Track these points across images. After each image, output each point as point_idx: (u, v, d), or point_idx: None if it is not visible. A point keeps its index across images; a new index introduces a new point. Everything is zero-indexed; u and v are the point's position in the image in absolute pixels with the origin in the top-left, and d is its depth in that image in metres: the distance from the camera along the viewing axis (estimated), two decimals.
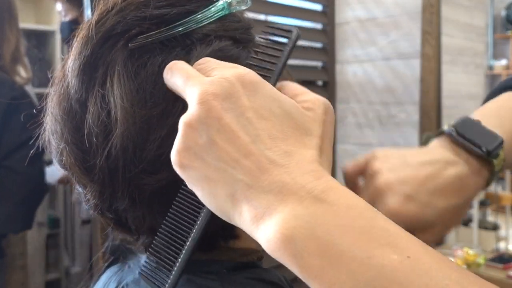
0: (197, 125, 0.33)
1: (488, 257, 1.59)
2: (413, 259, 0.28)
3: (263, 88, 0.34)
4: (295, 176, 0.31)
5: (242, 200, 0.31)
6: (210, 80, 0.33)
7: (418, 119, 1.72)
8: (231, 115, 0.32)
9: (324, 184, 0.31)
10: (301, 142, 0.33)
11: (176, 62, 0.37)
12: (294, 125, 0.33)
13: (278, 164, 0.31)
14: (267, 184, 0.31)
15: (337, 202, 0.30)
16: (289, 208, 0.30)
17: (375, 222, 0.30)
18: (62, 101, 0.42)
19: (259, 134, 0.32)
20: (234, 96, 0.33)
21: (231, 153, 0.32)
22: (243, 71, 0.34)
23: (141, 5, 0.40)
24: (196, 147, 0.33)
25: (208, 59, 0.37)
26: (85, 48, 0.40)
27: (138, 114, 0.38)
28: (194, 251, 0.35)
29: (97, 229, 1.19)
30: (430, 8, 1.68)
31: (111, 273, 0.51)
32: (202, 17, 0.40)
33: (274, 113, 0.33)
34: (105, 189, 0.41)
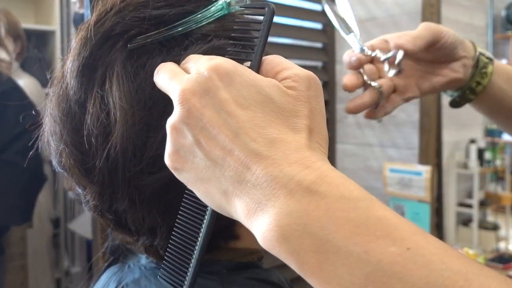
0: (180, 127, 0.32)
1: (488, 257, 1.59)
2: (412, 250, 0.27)
3: (239, 76, 0.32)
4: (283, 168, 0.29)
5: (234, 196, 0.31)
6: (187, 78, 0.33)
7: (418, 119, 1.72)
8: (211, 111, 0.31)
9: (314, 173, 0.29)
10: (286, 126, 0.32)
11: (165, 63, 0.37)
12: (277, 109, 0.32)
13: (263, 156, 0.30)
14: (255, 179, 0.30)
15: (329, 193, 0.29)
16: (280, 203, 0.29)
17: (370, 212, 0.28)
18: (61, 102, 0.42)
19: (241, 127, 0.31)
20: (212, 90, 0.32)
21: (216, 150, 0.31)
22: (217, 62, 0.33)
23: (140, 6, 0.40)
24: (184, 149, 0.33)
25: (191, 56, 0.37)
26: (84, 49, 0.40)
27: (137, 115, 0.38)
28: (205, 249, 0.35)
29: (97, 229, 1.19)
30: (430, 8, 1.68)
31: (111, 273, 0.51)
32: (201, 17, 0.40)
33: (254, 101, 0.32)
34: (105, 190, 0.41)
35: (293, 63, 0.36)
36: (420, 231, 0.29)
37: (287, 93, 0.33)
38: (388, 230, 0.28)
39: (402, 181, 1.60)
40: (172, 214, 0.41)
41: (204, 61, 0.34)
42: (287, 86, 0.33)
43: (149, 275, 0.46)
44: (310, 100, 0.33)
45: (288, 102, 0.32)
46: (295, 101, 0.33)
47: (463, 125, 2.16)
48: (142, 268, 0.48)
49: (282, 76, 0.34)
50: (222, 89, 0.32)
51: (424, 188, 1.54)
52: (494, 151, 2.33)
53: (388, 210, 0.29)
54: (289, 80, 0.33)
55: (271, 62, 0.36)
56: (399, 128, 1.83)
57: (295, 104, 0.32)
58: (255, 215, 0.30)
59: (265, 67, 0.36)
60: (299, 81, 0.33)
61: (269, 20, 0.36)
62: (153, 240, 0.44)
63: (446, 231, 1.89)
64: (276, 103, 0.32)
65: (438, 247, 0.28)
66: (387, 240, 0.27)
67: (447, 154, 1.99)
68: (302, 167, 0.30)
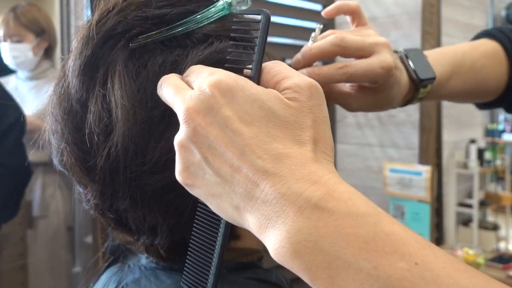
0: (188, 145, 0.33)
1: (488, 257, 1.59)
2: (421, 265, 0.27)
3: (241, 91, 0.33)
4: (291, 184, 0.30)
5: (245, 212, 0.31)
6: (190, 96, 0.33)
7: (418, 119, 1.73)
8: (217, 129, 0.32)
9: (322, 189, 0.30)
10: (291, 139, 0.32)
11: (167, 76, 0.37)
12: (280, 123, 0.32)
13: (270, 173, 0.30)
14: (264, 195, 0.30)
15: (337, 209, 0.29)
16: (290, 220, 0.29)
17: (379, 227, 0.29)
18: (62, 101, 0.42)
19: (247, 144, 0.31)
20: (215, 108, 0.32)
21: (225, 167, 0.32)
22: (218, 78, 0.33)
23: (141, 5, 0.40)
24: (193, 166, 0.33)
25: (193, 68, 0.37)
26: (86, 48, 0.40)
27: (139, 114, 0.38)
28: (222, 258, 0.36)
29: (97, 229, 1.19)
30: (430, 8, 1.68)
31: (110, 273, 0.51)
32: (202, 17, 0.40)
33: (257, 116, 0.32)
34: (106, 189, 0.41)
35: (292, 69, 0.36)
36: (428, 244, 0.29)
37: (289, 105, 0.33)
38: (397, 245, 0.28)
39: (402, 181, 1.60)
40: (173, 213, 0.41)
41: (206, 76, 0.34)
42: (289, 98, 0.33)
43: (149, 275, 0.46)
44: (313, 110, 0.33)
45: (290, 114, 0.32)
46: (297, 113, 0.33)
47: (463, 125, 2.16)
48: (142, 268, 0.48)
49: (283, 87, 0.34)
50: (225, 106, 0.32)
51: (424, 188, 1.54)
52: (494, 151, 2.33)
53: (396, 224, 0.29)
54: (290, 90, 0.33)
55: (271, 70, 0.35)
56: (399, 128, 1.83)
57: (298, 116, 0.32)
58: (267, 231, 0.30)
59: (265, 75, 0.35)
60: (300, 92, 0.33)
61: (265, 28, 0.36)
62: (154, 240, 0.44)
63: (446, 231, 1.89)
64: (279, 117, 0.32)
65: (446, 261, 0.28)
66: (395, 256, 0.28)
67: (447, 154, 1.99)
68: (310, 183, 0.30)
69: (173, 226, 0.42)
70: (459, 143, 2.14)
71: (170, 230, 0.42)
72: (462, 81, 0.67)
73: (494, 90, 0.72)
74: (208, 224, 0.36)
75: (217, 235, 0.36)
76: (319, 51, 0.55)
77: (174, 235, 0.43)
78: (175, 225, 0.42)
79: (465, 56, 0.67)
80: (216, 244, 0.36)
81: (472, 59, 0.68)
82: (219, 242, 0.35)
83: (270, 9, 1.58)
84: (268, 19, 0.36)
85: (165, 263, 0.46)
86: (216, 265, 0.35)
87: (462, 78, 0.67)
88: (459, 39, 2.07)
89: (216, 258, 0.35)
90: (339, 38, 0.54)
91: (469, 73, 0.67)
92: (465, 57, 0.67)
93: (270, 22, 0.36)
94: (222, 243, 0.35)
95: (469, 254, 1.54)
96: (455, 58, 0.67)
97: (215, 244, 0.36)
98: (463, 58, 0.67)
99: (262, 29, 0.36)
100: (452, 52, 0.68)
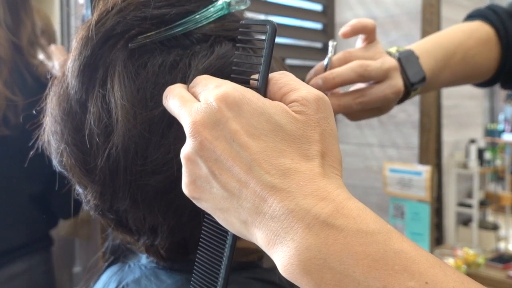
0: (194, 158, 0.33)
1: (488, 257, 1.59)
2: (430, 284, 0.27)
3: (247, 104, 0.32)
4: (299, 201, 0.30)
5: (253, 227, 0.31)
6: (196, 109, 0.33)
7: (418, 119, 1.72)
8: (223, 144, 0.32)
9: (330, 206, 0.29)
10: (298, 154, 0.31)
11: (173, 86, 0.37)
12: (288, 137, 0.32)
13: (278, 188, 0.30)
14: (272, 211, 0.30)
15: (346, 227, 0.29)
16: (299, 237, 0.29)
17: (388, 246, 0.28)
18: (62, 102, 0.42)
19: (254, 159, 0.31)
20: (221, 121, 0.32)
21: (232, 182, 0.31)
22: (225, 91, 0.33)
23: (141, 5, 0.40)
24: (200, 180, 0.33)
25: (199, 79, 0.37)
26: (85, 49, 0.40)
27: (139, 114, 0.38)
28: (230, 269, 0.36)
29: (97, 229, 1.19)
30: (430, 8, 1.68)
31: (111, 272, 0.51)
32: (201, 17, 0.40)
33: (265, 129, 0.32)
34: (106, 190, 0.41)
35: (299, 80, 0.35)
36: (438, 263, 0.29)
37: (296, 119, 0.32)
38: (406, 264, 0.28)
39: (402, 181, 1.60)
40: (173, 213, 0.41)
41: (212, 88, 0.34)
42: (296, 111, 0.33)
43: (150, 275, 0.46)
44: (320, 123, 0.33)
45: (298, 128, 0.32)
46: (305, 127, 0.32)
47: (463, 125, 2.16)
48: (143, 267, 0.48)
49: (289, 99, 0.33)
50: (232, 119, 0.32)
51: (424, 188, 1.54)
52: (494, 151, 2.33)
53: (406, 242, 0.29)
54: (297, 103, 0.33)
55: (278, 82, 0.35)
56: (399, 128, 1.83)
57: (305, 130, 0.32)
58: (275, 247, 0.30)
59: (271, 87, 0.35)
60: (307, 105, 0.33)
61: (271, 38, 0.35)
62: (154, 240, 0.44)
63: (446, 231, 1.89)
64: (286, 131, 0.32)
65: (456, 280, 0.28)
66: (405, 275, 0.27)
67: (447, 154, 1.99)
68: (318, 199, 0.30)
69: (174, 226, 0.42)
70: (459, 143, 2.14)
71: (170, 230, 0.42)
72: (453, 72, 0.69)
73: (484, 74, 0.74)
74: (215, 235, 0.36)
75: (225, 247, 0.35)
76: (342, 81, 0.56)
77: (175, 235, 0.43)
78: (176, 225, 0.42)
79: (459, 47, 0.69)
80: (223, 256, 0.35)
81: (465, 49, 0.69)
82: (226, 254, 0.35)
83: (270, 9, 1.56)
84: (274, 30, 0.35)
85: (166, 263, 0.46)
86: (223, 277, 0.35)
87: (452, 69, 0.68)
88: None
89: (224, 270, 0.35)
90: (363, 68, 0.56)
91: (460, 64, 0.69)
92: (458, 48, 0.68)
93: (276, 32, 0.35)
94: (230, 255, 0.35)
95: (469, 254, 1.54)
96: (449, 50, 0.68)
97: (222, 256, 0.36)
98: (456, 50, 0.68)
99: (269, 40, 0.35)
100: (446, 42, 0.69)
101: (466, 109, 2.13)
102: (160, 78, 0.39)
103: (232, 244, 0.35)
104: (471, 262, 1.52)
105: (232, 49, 0.41)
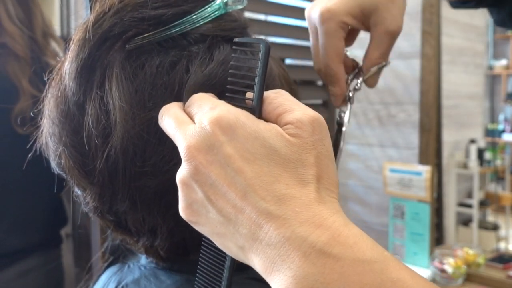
0: (190, 183, 0.32)
1: (488, 257, 1.59)
2: None
3: (242, 128, 0.32)
4: (295, 228, 0.29)
5: (250, 253, 0.31)
6: (191, 132, 0.33)
7: (418, 119, 1.72)
8: (218, 168, 0.31)
9: (326, 233, 0.29)
10: (294, 178, 0.31)
11: (168, 106, 0.37)
12: (283, 162, 0.31)
13: (274, 215, 0.30)
14: (268, 238, 0.30)
15: (343, 256, 0.29)
16: (296, 265, 0.29)
17: (385, 275, 0.28)
18: (59, 103, 0.42)
19: (249, 184, 0.31)
20: (216, 146, 0.31)
21: (228, 207, 0.31)
22: (219, 114, 0.32)
23: (138, 6, 0.40)
24: (196, 204, 0.33)
25: (194, 99, 0.36)
26: (82, 50, 0.40)
27: (137, 115, 0.38)
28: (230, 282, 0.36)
29: (97, 230, 1.19)
30: (430, 8, 1.68)
31: (110, 273, 0.51)
32: (198, 17, 0.40)
33: (259, 154, 0.31)
34: (105, 191, 0.41)
35: (294, 100, 0.35)
36: None
37: (291, 142, 0.32)
38: None
39: (402, 181, 1.60)
40: (173, 214, 0.41)
41: (207, 110, 0.33)
42: (291, 134, 0.32)
43: (149, 275, 0.46)
44: (316, 146, 0.32)
45: (293, 152, 0.32)
46: (300, 151, 0.32)
47: (463, 125, 2.16)
48: (142, 268, 0.48)
49: (284, 121, 0.33)
50: (226, 144, 0.31)
51: (424, 188, 1.54)
52: (494, 151, 2.33)
53: (403, 270, 0.29)
54: (292, 126, 0.32)
55: (273, 102, 0.34)
56: (399, 128, 1.83)
57: (300, 154, 0.32)
58: (272, 274, 0.30)
59: (266, 106, 0.35)
60: (302, 127, 0.32)
61: (265, 57, 0.34)
62: (154, 241, 0.44)
63: (446, 231, 1.89)
64: (281, 155, 0.31)
65: None
66: None
67: (447, 154, 1.99)
68: (314, 227, 0.29)
69: (173, 227, 0.42)
70: (459, 143, 2.14)
71: (170, 231, 0.42)
72: None
73: None
74: (214, 256, 0.36)
75: (223, 268, 0.35)
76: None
77: (174, 236, 0.43)
78: (175, 226, 0.42)
79: None
80: (222, 277, 0.35)
81: None
82: (225, 275, 0.35)
83: (270, 9, 1.55)
84: (268, 49, 0.34)
85: (165, 264, 0.46)
86: None
87: None
88: (459, 39, 2.07)
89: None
90: None
91: None
92: None
93: (270, 51, 0.35)
94: (228, 276, 0.35)
95: (469, 254, 1.54)
96: None
97: (221, 276, 0.35)
98: None
99: (262, 59, 0.34)
100: None
101: (466, 109, 2.13)
102: (158, 79, 0.39)
103: (231, 266, 0.35)
104: (471, 262, 1.52)
105: (230, 53, 0.41)
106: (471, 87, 2.20)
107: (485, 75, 2.64)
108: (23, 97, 1.03)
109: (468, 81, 2.17)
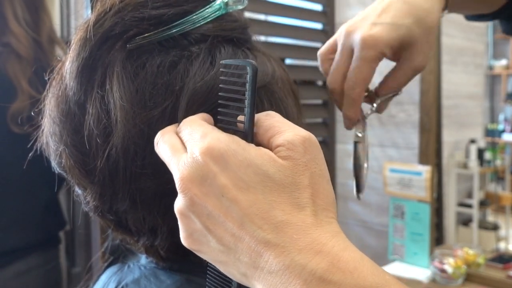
0: (187, 214, 0.33)
1: (488, 257, 1.59)
2: None
3: (233, 156, 0.31)
4: (294, 256, 0.29)
5: (253, 280, 0.31)
6: (183, 163, 0.32)
7: (418, 119, 1.72)
8: (213, 199, 0.31)
9: (326, 260, 0.29)
10: (289, 203, 0.31)
11: (164, 131, 0.36)
12: (277, 187, 0.31)
13: (272, 244, 0.30)
14: (269, 266, 0.30)
15: (343, 282, 0.29)
16: None
17: None
18: (60, 103, 0.42)
19: (246, 214, 0.31)
20: (209, 177, 0.31)
21: (227, 236, 0.31)
22: (209, 144, 0.32)
23: (139, 6, 0.40)
24: (197, 233, 0.33)
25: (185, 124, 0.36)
26: (83, 50, 0.40)
27: (138, 115, 0.38)
28: None
29: (97, 229, 1.20)
30: None
31: (110, 273, 0.51)
32: (198, 17, 0.40)
33: (253, 181, 0.31)
34: (106, 191, 0.41)
35: (285, 121, 0.35)
36: None
37: (284, 167, 0.32)
38: None
39: (402, 181, 1.60)
40: (173, 214, 0.41)
41: (198, 139, 0.33)
42: (282, 157, 0.32)
43: (149, 275, 0.46)
44: (308, 166, 0.32)
45: (286, 176, 0.31)
46: (293, 174, 0.32)
47: (463, 125, 2.16)
48: (142, 268, 0.48)
49: (275, 144, 0.33)
50: (219, 174, 0.31)
51: (424, 188, 1.54)
52: (494, 151, 2.33)
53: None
54: (283, 148, 0.32)
55: (263, 124, 0.34)
56: (399, 128, 1.83)
57: (293, 177, 0.31)
58: None
59: (258, 129, 0.35)
60: (293, 149, 0.32)
61: (253, 80, 0.34)
62: (154, 241, 0.44)
63: (446, 231, 1.89)
64: (275, 181, 0.31)
65: None
66: None
67: (447, 154, 1.99)
68: (313, 254, 0.29)
69: (173, 227, 0.42)
70: (459, 143, 2.14)
71: (170, 231, 0.42)
72: None
73: None
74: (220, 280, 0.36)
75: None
76: None
77: (174, 236, 0.43)
78: (175, 226, 0.42)
79: None
80: None
81: None
82: None
83: (270, 9, 1.55)
84: (255, 71, 0.34)
85: (165, 264, 0.46)
86: None
87: None
88: (459, 39, 2.07)
89: None
90: None
91: None
92: None
93: (257, 74, 0.34)
94: None
95: (469, 254, 1.54)
96: None
97: None
98: None
99: (250, 82, 0.34)
100: None
101: (466, 109, 2.13)
102: (158, 79, 0.39)
103: None
104: (471, 262, 1.52)
105: (232, 55, 0.41)
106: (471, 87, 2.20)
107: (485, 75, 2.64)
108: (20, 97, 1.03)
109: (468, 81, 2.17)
